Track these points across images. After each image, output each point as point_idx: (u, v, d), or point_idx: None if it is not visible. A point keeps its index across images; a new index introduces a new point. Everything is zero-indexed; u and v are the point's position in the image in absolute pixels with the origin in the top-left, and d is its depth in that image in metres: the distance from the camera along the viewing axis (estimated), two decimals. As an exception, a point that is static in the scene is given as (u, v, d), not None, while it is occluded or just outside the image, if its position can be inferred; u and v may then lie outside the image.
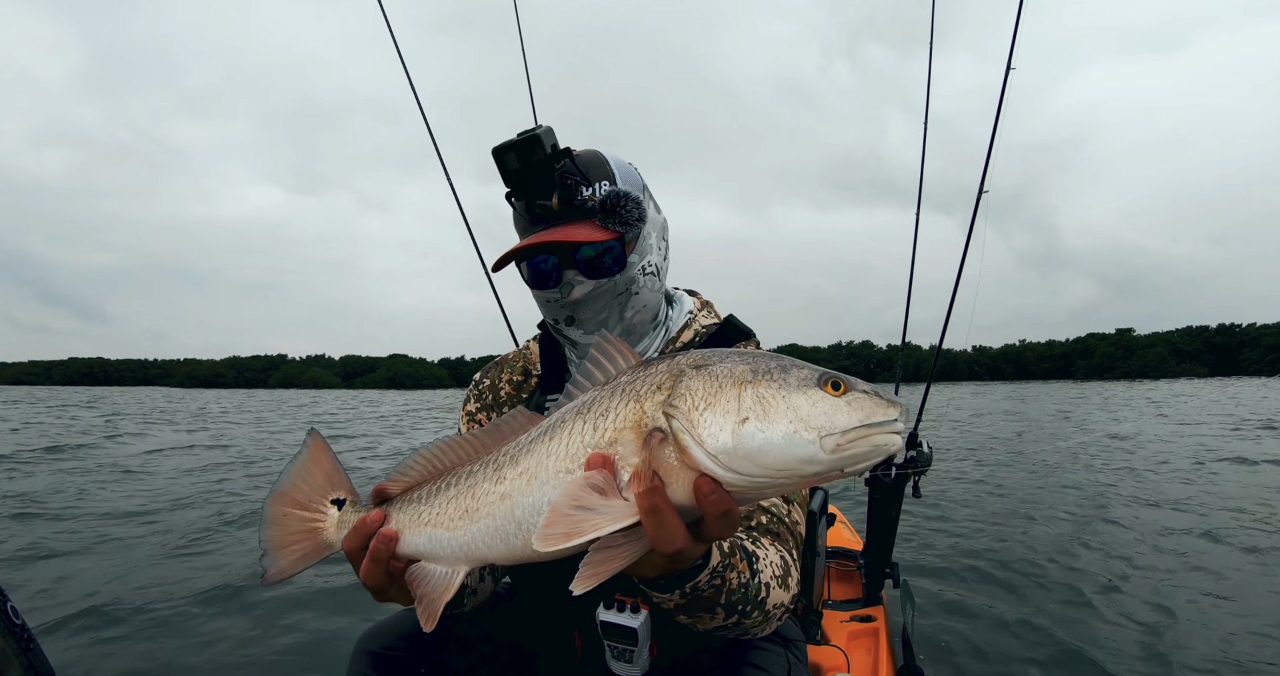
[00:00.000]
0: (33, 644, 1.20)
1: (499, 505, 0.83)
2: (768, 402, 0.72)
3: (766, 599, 1.05)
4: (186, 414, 25.77)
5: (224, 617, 3.71)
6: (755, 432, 0.70)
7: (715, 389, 0.74)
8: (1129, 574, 4.17)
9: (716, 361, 0.78)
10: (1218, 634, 3.24)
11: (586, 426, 0.79)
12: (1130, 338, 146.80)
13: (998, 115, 2.50)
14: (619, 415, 0.78)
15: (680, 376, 0.77)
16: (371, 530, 0.92)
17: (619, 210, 1.22)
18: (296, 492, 1.01)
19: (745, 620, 1.04)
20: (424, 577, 0.91)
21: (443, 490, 0.90)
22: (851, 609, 2.46)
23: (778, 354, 0.80)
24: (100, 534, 5.47)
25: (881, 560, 2.60)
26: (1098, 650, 3.10)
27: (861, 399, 0.73)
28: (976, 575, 4.22)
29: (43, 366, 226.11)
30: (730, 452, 0.71)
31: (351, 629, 3.41)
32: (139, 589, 4.16)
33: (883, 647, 2.21)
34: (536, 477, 0.80)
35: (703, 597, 0.96)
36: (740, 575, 1.01)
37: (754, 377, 0.74)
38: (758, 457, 0.70)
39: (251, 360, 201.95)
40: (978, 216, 2.56)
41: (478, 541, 0.85)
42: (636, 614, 1.19)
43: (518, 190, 1.22)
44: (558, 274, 1.26)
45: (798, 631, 1.44)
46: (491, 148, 1.19)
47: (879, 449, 0.72)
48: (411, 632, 1.31)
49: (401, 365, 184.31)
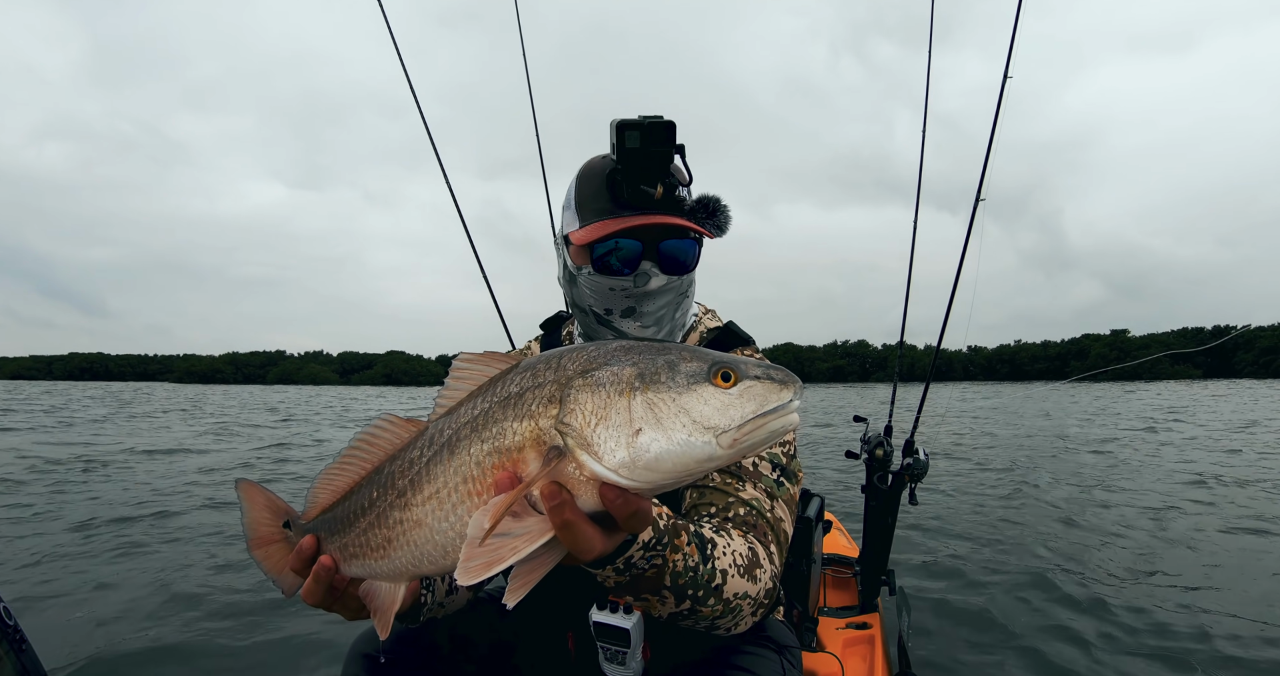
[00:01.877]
0: (25, 645, 1.21)
1: (415, 533, 0.83)
2: (658, 409, 0.71)
3: (723, 586, 1.03)
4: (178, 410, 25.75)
5: (217, 619, 3.69)
6: (650, 443, 0.70)
7: (604, 401, 0.72)
8: (1127, 581, 4.16)
9: (601, 364, 0.76)
10: (1217, 638, 3.22)
11: (486, 446, 0.78)
12: (1125, 339, 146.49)
13: (994, 125, 2.50)
14: (515, 433, 0.76)
15: (567, 387, 0.75)
16: (309, 555, 0.96)
17: (716, 214, 1.24)
18: (259, 534, 1.09)
19: (701, 607, 1.01)
20: (372, 593, 0.96)
21: (354, 520, 0.91)
22: (847, 616, 2.45)
23: (665, 343, 0.79)
24: (90, 536, 5.44)
25: (878, 567, 2.60)
26: (1095, 659, 3.09)
27: (753, 387, 0.72)
28: (973, 582, 4.21)
29: (44, 361, 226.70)
30: (630, 465, 0.70)
31: (346, 631, 3.40)
32: (130, 590, 4.15)
33: (878, 655, 2.20)
34: (446, 501, 0.80)
35: (644, 578, 0.95)
36: (687, 558, 0.98)
37: (641, 383, 0.73)
38: (657, 466, 0.70)
39: (250, 356, 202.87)
40: (975, 222, 2.57)
41: (407, 565, 0.86)
42: (629, 614, 1.18)
43: (629, 170, 1.20)
44: (636, 261, 1.25)
45: (792, 638, 1.44)
46: (615, 121, 1.17)
47: (775, 434, 0.72)
48: (405, 635, 1.31)
49: (398, 361, 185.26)
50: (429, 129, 2.50)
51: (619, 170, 1.22)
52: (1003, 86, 2.49)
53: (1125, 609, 3.67)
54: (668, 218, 1.21)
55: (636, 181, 1.20)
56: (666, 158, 1.18)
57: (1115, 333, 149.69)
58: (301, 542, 0.98)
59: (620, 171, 1.21)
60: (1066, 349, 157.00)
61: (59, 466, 9.04)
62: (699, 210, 1.24)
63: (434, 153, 2.51)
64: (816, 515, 2.29)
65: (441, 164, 2.55)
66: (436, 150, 2.53)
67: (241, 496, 1.12)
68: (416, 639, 1.32)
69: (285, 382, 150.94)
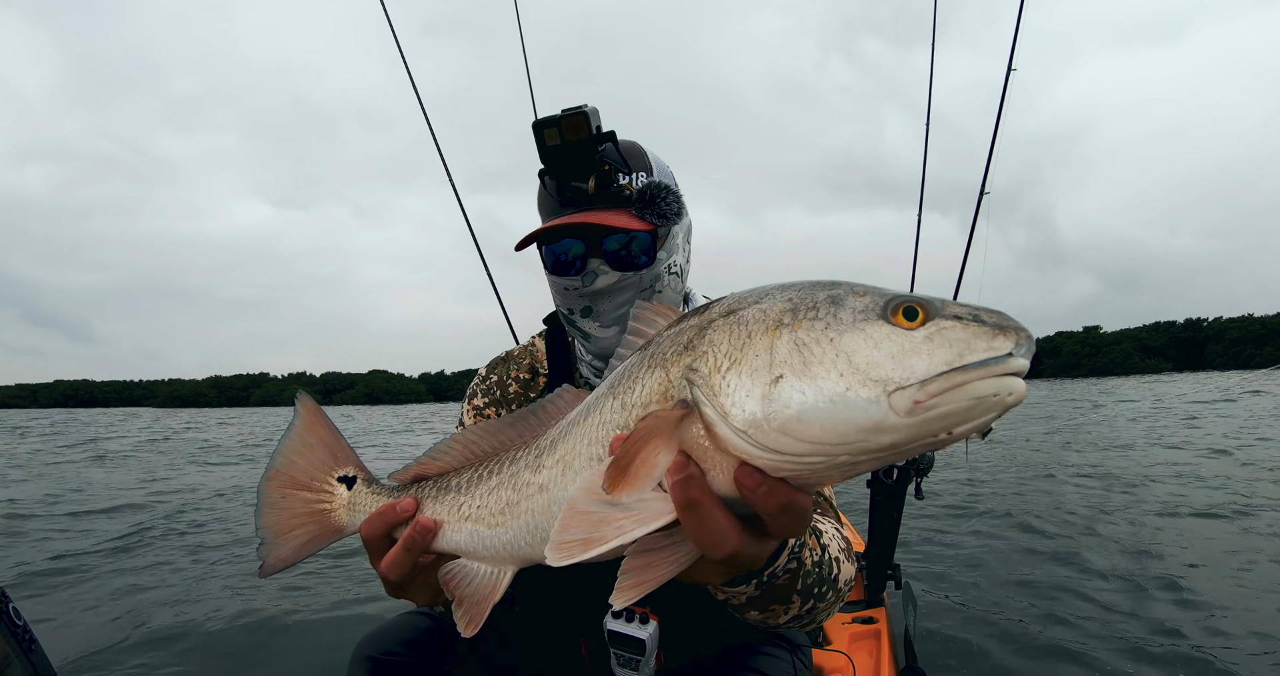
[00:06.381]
0: (35, 645, 1.20)
1: (537, 498, 0.72)
2: (808, 350, 0.53)
3: (839, 575, 0.95)
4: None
5: (220, 621, 3.68)
6: (791, 395, 0.51)
7: (742, 340, 0.56)
8: (1133, 574, 4.16)
9: (751, 302, 0.60)
10: (1221, 636, 3.23)
11: (615, 403, 0.66)
12: (1097, 335, 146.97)
13: (997, 124, 2.49)
14: (645, 387, 0.63)
15: (706, 329, 0.60)
16: (401, 518, 0.83)
17: (658, 202, 1.17)
18: (295, 471, 0.87)
19: (819, 604, 0.93)
20: (465, 577, 0.79)
21: (484, 479, 0.79)
22: (853, 611, 2.46)
23: (836, 280, 0.60)
24: (97, 536, 5.44)
25: (883, 562, 2.60)
26: (1101, 652, 3.10)
27: (951, 328, 0.52)
28: (979, 576, 4.22)
29: (29, 389, 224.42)
30: (760, 424, 0.52)
31: (350, 633, 3.38)
32: (137, 592, 4.15)
33: (885, 650, 2.20)
34: (570, 466, 0.69)
35: (777, 586, 0.84)
36: (813, 552, 0.90)
37: (793, 318, 0.55)
38: (798, 429, 0.51)
39: (234, 379, 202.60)
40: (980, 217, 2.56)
41: (520, 540, 0.74)
42: (645, 624, 1.15)
43: (553, 168, 1.15)
44: (582, 261, 1.19)
45: (803, 635, 1.43)
46: (532, 122, 1.11)
47: (983, 403, 0.50)
48: (411, 638, 1.28)
49: (380, 381, 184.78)
50: (434, 134, 2.48)
51: (544, 171, 1.17)
52: (1006, 79, 2.47)
53: (1132, 604, 3.68)
54: (594, 215, 1.14)
55: (566, 178, 1.15)
56: (590, 149, 1.11)
57: (1088, 329, 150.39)
58: (402, 501, 0.83)
59: (547, 172, 1.17)
60: (1040, 347, 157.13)
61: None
62: (640, 200, 1.16)
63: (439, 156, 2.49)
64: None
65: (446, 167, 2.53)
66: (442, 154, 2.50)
67: (300, 415, 0.89)
68: (423, 640, 1.29)
69: (268, 405, 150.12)
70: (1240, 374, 40.06)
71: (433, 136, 2.49)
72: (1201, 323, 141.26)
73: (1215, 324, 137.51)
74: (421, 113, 2.50)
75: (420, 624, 1.27)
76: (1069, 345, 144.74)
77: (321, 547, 0.88)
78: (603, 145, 1.14)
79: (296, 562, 0.88)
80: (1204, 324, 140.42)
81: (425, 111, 2.50)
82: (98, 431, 25.17)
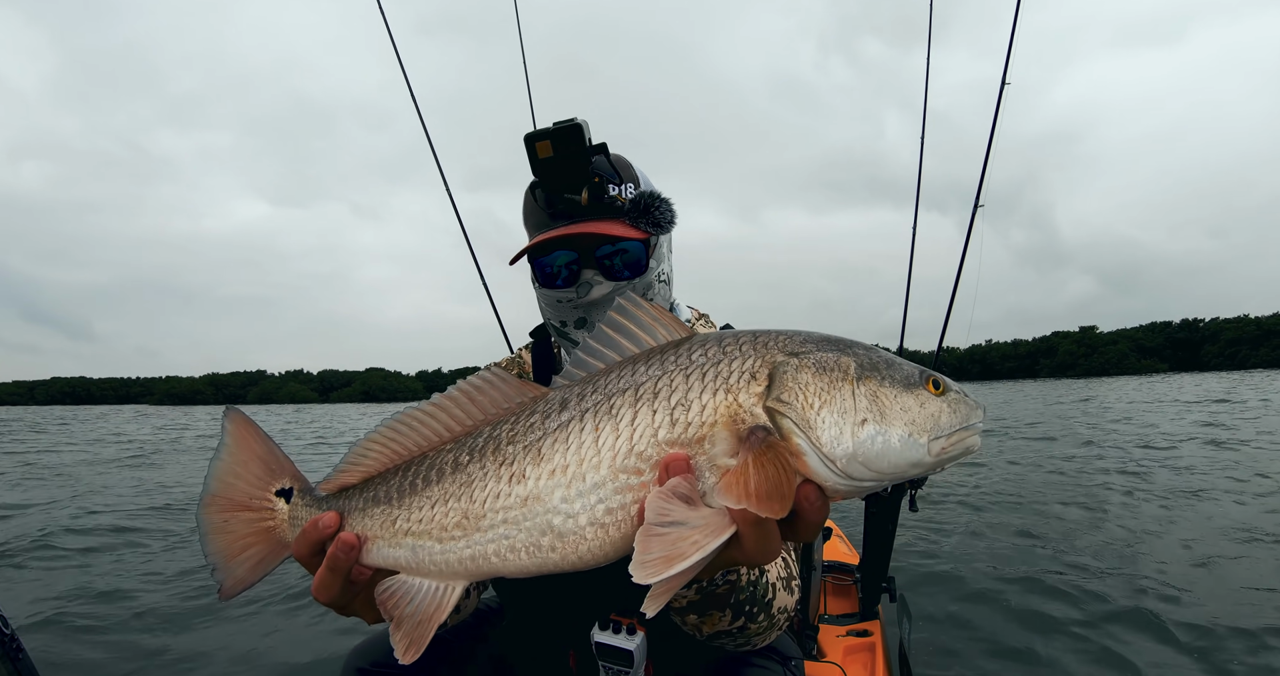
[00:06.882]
0: (21, 653, 1.19)
1: (522, 511, 0.69)
2: (882, 403, 0.68)
3: (773, 601, 1.01)
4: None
5: (208, 633, 3.65)
6: (875, 437, 0.66)
7: (828, 384, 0.68)
8: (1128, 585, 4.15)
9: (813, 349, 0.71)
10: (1220, 643, 3.22)
11: (660, 417, 0.68)
12: (1093, 335, 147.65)
13: (991, 136, 2.49)
14: (706, 407, 0.67)
15: (778, 365, 0.69)
16: (324, 535, 0.77)
17: (652, 211, 1.18)
18: (232, 492, 0.83)
19: (750, 624, 0.99)
20: (406, 595, 0.75)
21: (419, 488, 0.75)
22: (848, 623, 2.44)
23: (855, 342, 0.75)
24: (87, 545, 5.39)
25: (878, 574, 2.59)
26: (1095, 664, 3.08)
27: (959, 400, 0.71)
28: (974, 589, 4.20)
29: (26, 386, 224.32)
30: (850, 457, 0.65)
31: (340, 645, 3.35)
32: (125, 602, 4.10)
33: (879, 662, 2.19)
34: (583, 478, 0.68)
35: (716, 593, 0.91)
36: (750, 572, 0.96)
37: (863, 373, 0.69)
38: (875, 463, 0.66)
39: (231, 376, 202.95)
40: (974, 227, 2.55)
41: (488, 553, 0.71)
42: (633, 635, 1.15)
43: (546, 181, 1.15)
44: (575, 273, 1.20)
45: (796, 648, 1.42)
46: (524, 134, 1.12)
47: (969, 450, 0.71)
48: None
49: (376, 379, 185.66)
50: (429, 134, 2.48)
51: (536, 184, 1.18)
52: (1000, 92, 2.47)
53: (1129, 619, 3.66)
54: (591, 225, 1.15)
55: (559, 191, 1.15)
56: (583, 161, 1.12)
57: (1084, 329, 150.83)
58: (323, 517, 0.77)
59: (539, 184, 1.18)
60: (1036, 347, 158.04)
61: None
62: (634, 210, 1.18)
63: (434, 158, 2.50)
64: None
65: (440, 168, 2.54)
66: (436, 156, 2.51)
67: (229, 431, 0.83)
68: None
69: (265, 402, 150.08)
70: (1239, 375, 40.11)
71: (428, 138, 2.50)
72: (1198, 323, 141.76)
73: (1212, 324, 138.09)
74: (417, 115, 2.50)
75: None
76: (1065, 345, 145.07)
77: (277, 564, 0.84)
78: (594, 158, 1.14)
79: (256, 581, 0.84)
80: (1200, 324, 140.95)
81: (420, 114, 2.51)
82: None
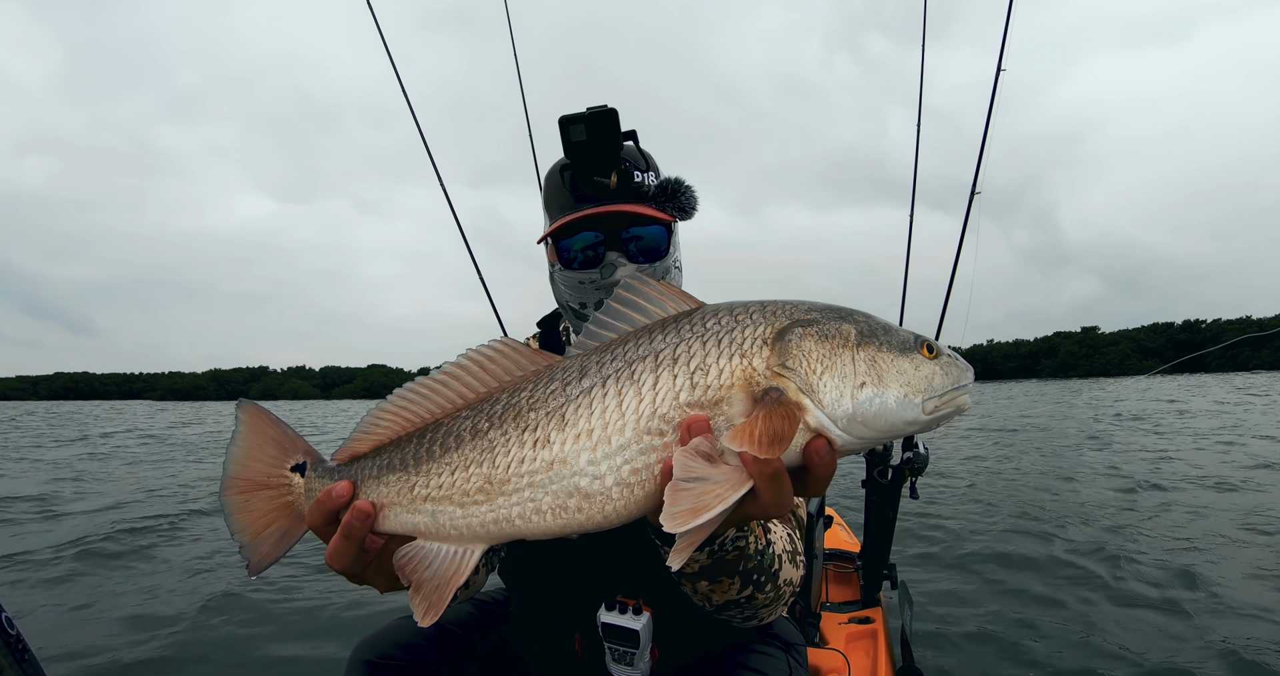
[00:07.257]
0: (28, 654, 1.20)
1: (549, 474, 0.73)
2: (880, 366, 0.74)
3: (779, 572, 1.03)
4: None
5: (215, 625, 3.67)
6: (872, 398, 0.72)
7: (830, 351, 0.74)
8: (1129, 572, 4.17)
9: (819, 318, 0.76)
10: (1221, 633, 3.24)
11: (680, 381, 0.72)
12: (1095, 336, 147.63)
13: (987, 124, 2.50)
14: (724, 371, 0.73)
15: (786, 332, 0.74)
16: (338, 504, 0.79)
17: (678, 196, 1.23)
18: (250, 473, 0.86)
19: (759, 594, 1.01)
20: (425, 560, 0.77)
21: (437, 455, 0.77)
22: (850, 611, 2.46)
23: (855, 310, 0.80)
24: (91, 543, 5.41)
25: (879, 561, 2.60)
26: (1096, 650, 3.10)
27: (950, 362, 0.77)
28: (975, 575, 4.23)
29: (29, 381, 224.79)
30: (850, 418, 0.72)
31: (347, 636, 3.38)
32: (131, 597, 4.13)
33: (881, 649, 2.21)
34: (608, 440, 0.72)
35: (725, 559, 0.93)
36: (757, 540, 0.98)
37: (862, 339, 0.75)
38: (873, 422, 0.72)
39: (233, 372, 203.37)
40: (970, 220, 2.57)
41: (512, 516, 0.74)
42: (639, 615, 1.17)
43: (579, 163, 1.19)
44: (599, 255, 1.23)
45: (798, 634, 1.44)
46: (559, 117, 1.16)
47: (960, 409, 0.77)
48: (409, 642, 1.28)
49: (378, 375, 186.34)
50: (423, 135, 2.48)
51: (566, 166, 1.22)
52: (996, 78, 2.49)
53: (1130, 601, 3.69)
54: (621, 206, 1.19)
55: (590, 173, 1.20)
56: (615, 145, 1.17)
57: (1085, 329, 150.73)
58: (335, 486, 0.79)
59: (572, 166, 1.21)
60: (1037, 347, 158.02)
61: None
62: (660, 194, 1.23)
63: (429, 158, 2.50)
64: (817, 510, 2.30)
65: (436, 169, 2.52)
66: (431, 156, 2.51)
67: (242, 419, 0.88)
68: (420, 644, 1.29)
69: (267, 398, 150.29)
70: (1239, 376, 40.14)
71: (422, 138, 2.49)
72: (1200, 324, 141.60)
73: (1213, 325, 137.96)
74: (412, 117, 2.50)
75: (417, 628, 1.28)
76: (1066, 345, 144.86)
77: (300, 535, 0.87)
78: (625, 143, 1.19)
79: (281, 556, 0.87)
80: (1202, 325, 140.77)
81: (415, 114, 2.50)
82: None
